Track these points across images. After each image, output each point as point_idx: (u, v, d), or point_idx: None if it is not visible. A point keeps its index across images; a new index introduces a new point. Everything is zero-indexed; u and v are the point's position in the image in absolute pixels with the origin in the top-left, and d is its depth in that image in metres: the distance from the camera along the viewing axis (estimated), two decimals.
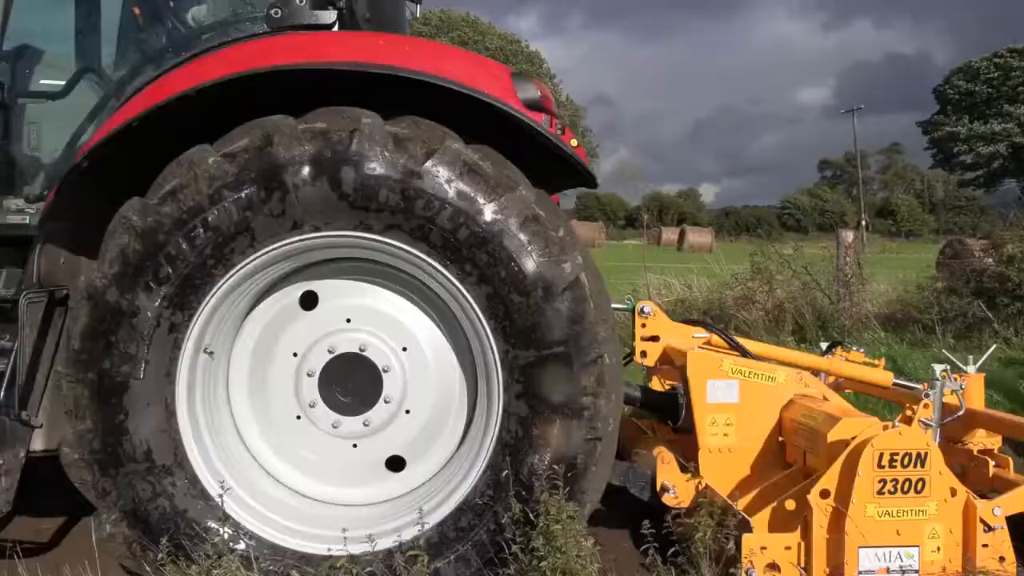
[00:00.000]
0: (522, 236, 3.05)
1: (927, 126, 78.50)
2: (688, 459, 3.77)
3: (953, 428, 4.26)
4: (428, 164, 3.00)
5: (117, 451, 3.10)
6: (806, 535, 3.21)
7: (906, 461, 3.19)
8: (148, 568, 3.10)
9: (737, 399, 3.70)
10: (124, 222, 3.04)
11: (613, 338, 3.29)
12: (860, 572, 3.15)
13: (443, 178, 3.01)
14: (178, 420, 3.16)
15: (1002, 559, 3.21)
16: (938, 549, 3.21)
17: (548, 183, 3.41)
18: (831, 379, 4.60)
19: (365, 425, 3.36)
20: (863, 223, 52.05)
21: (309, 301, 3.42)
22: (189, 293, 3.07)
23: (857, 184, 67.18)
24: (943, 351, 5.04)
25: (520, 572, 2.98)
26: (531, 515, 3.02)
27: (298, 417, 3.41)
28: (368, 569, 3.07)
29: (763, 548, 3.19)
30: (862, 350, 4.74)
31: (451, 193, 3.01)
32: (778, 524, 3.32)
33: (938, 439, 3.59)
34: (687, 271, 11.57)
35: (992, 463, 3.99)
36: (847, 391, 4.91)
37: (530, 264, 3.04)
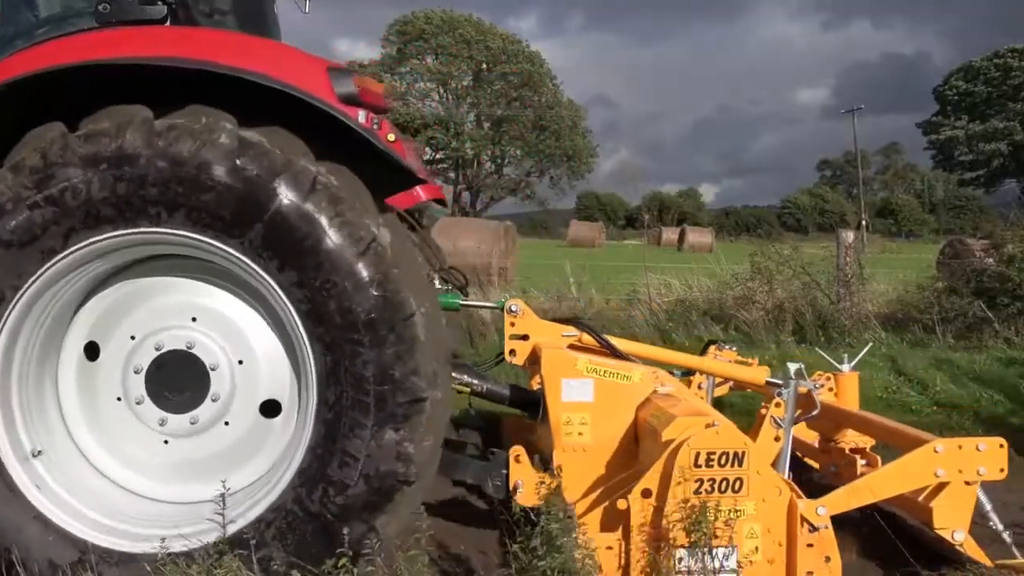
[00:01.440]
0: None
1: (927, 126, 78.50)
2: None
3: (826, 427, 4.30)
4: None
5: None
6: (626, 535, 3.18)
7: (723, 460, 3.15)
8: None
9: (592, 398, 3.67)
10: None
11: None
12: (677, 572, 3.10)
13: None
14: None
15: (828, 559, 3.17)
16: (756, 549, 3.17)
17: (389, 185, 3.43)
18: (720, 380, 4.60)
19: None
20: (863, 223, 52.05)
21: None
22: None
23: (857, 184, 67.12)
24: (818, 350, 5.04)
25: (519, 571, 2.98)
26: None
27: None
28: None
29: None
30: (734, 348, 4.72)
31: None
32: (609, 524, 3.30)
33: (791, 438, 3.55)
34: (687, 271, 11.56)
35: (862, 462, 3.97)
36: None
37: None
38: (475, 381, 4.21)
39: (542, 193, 79.40)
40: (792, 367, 3.82)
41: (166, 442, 3.43)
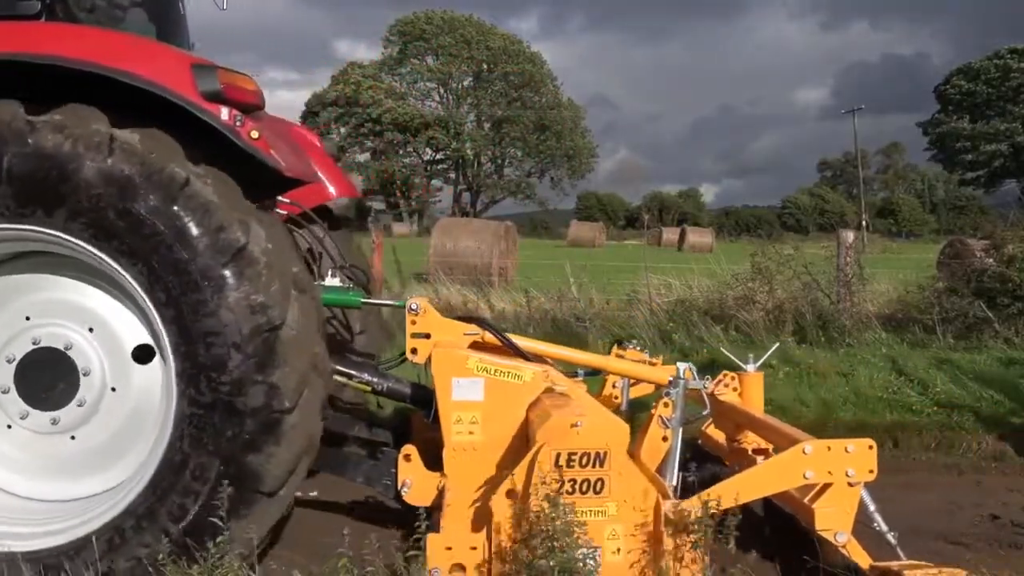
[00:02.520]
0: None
1: (927, 126, 78.49)
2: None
3: (728, 428, 4.29)
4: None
5: None
6: (490, 536, 3.15)
7: (584, 461, 3.12)
8: None
9: (482, 397, 3.65)
10: None
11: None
12: (538, 574, 3.03)
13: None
14: None
15: (695, 560, 3.15)
16: (618, 550, 3.13)
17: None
18: (634, 381, 4.55)
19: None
20: (864, 223, 52.03)
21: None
22: None
23: (857, 184, 67.12)
24: (722, 349, 5.02)
25: (520, 570, 2.99)
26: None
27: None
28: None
29: (448, 548, 3.13)
30: (639, 347, 4.67)
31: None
32: (477, 524, 3.27)
33: (679, 438, 3.51)
34: (687, 271, 11.56)
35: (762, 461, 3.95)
36: None
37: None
38: (375, 379, 4.19)
39: (542, 193, 79.45)
40: (681, 367, 3.78)
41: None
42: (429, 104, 78.76)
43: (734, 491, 3.25)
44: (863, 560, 3.25)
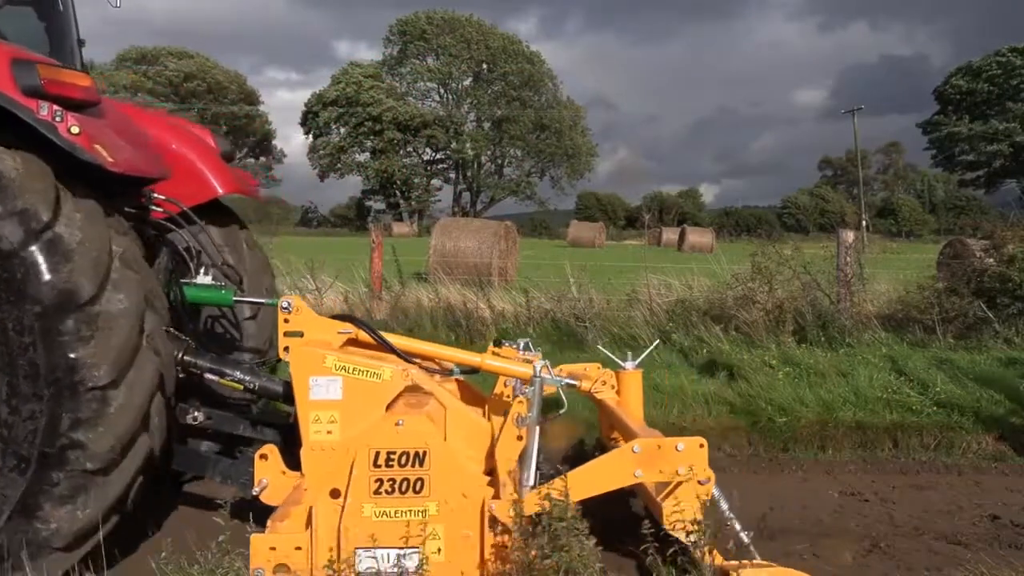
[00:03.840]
0: None
1: (927, 126, 78.51)
2: None
3: (605, 426, 4.33)
4: None
5: None
6: (314, 535, 3.12)
7: (403, 460, 3.12)
8: None
9: (341, 396, 3.61)
10: None
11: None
12: (358, 573, 3.06)
13: None
14: None
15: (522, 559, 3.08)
16: (439, 550, 3.12)
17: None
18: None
19: None
20: (864, 223, 52.04)
21: None
22: None
23: (857, 184, 67.12)
24: (599, 347, 5.00)
25: (521, 570, 2.99)
26: None
27: None
28: None
29: (272, 548, 3.09)
30: (515, 345, 4.64)
31: None
32: (305, 524, 3.24)
33: (536, 436, 3.49)
34: (687, 271, 11.55)
35: None
36: None
37: None
38: (247, 377, 4.19)
39: (542, 193, 79.50)
40: (537, 365, 3.75)
41: None
42: (429, 104, 78.83)
43: (563, 490, 3.22)
44: (716, 558, 3.22)
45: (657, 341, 5.50)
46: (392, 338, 4.13)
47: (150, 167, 4.10)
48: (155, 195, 4.36)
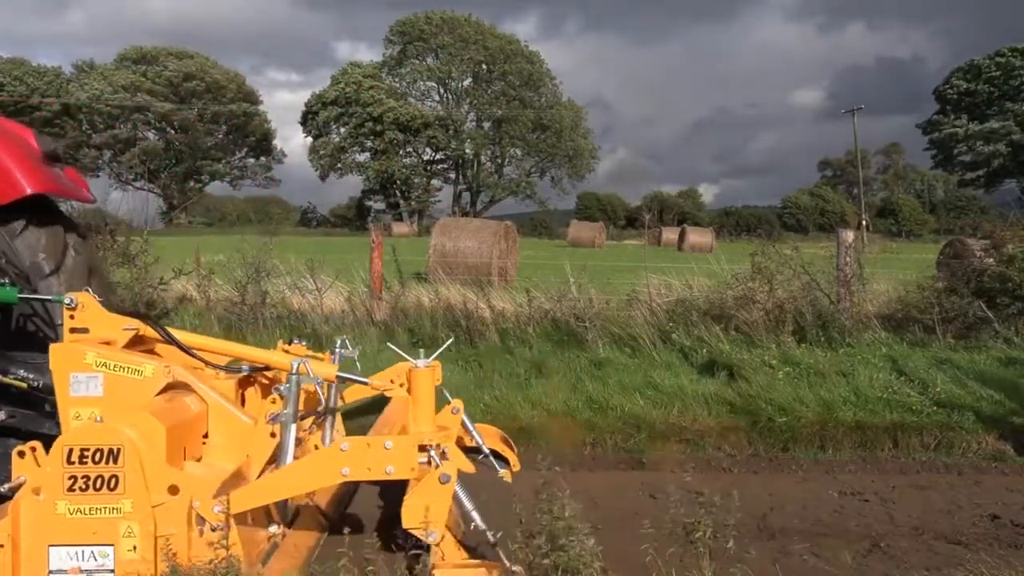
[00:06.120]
0: None
1: (926, 126, 78.55)
2: None
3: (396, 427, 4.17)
4: None
5: None
6: (16, 532, 3.07)
7: (98, 457, 3.06)
8: None
9: (101, 393, 3.56)
10: None
11: None
12: (51, 571, 3.03)
13: None
14: None
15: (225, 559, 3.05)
16: (134, 548, 3.08)
17: None
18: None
19: None
20: (863, 223, 52.04)
21: None
22: None
23: (857, 184, 67.12)
24: (389, 344, 4.98)
25: (522, 570, 2.99)
26: None
27: None
28: None
29: None
30: (305, 343, 4.58)
31: None
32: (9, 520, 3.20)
33: (292, 435, 3.42)
34: (687, 271, 11.55)
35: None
36: None
37: None
38: (31, 376, 4.14)
39: (542, 193, 79.51)
40: (295, 363, 3.68)
41: None
42: (429, 104, 78.84)
43: (270, 489, 3.20)
44: (460, 558, 3.17)
45: (452, 338, 5.42)
46: (182, 335, 4.04)
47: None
48: None
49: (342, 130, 77.09)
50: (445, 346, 4.60)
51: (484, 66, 76.16)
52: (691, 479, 3.85)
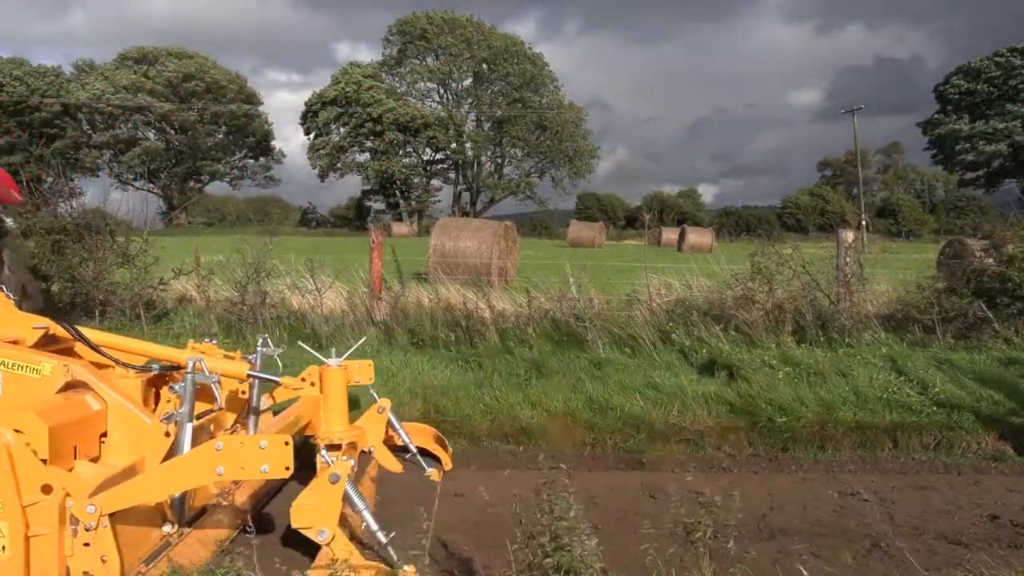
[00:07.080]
0: None
1: (927, 126, 78.52)
2: None
3: (312, 425, 4.20)
4: None
5: None
6: None
7: None
8: None
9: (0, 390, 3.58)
10: None
11: None
12: None
13: None
14: None
15: (104, 559, 3.08)
16: (3, 548, 3.07)
17: None
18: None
19: None
20: (863, 223, 52.01)
21: None
22: None
23: (857, 184, 67.08)
24: (300, 343, 4.97)
25: (523, 570, 2.99)
26: None
27: None
28: None
29: None
30: (214, 341, 4.60)
31: None
32: None
33: (188, 434, 3.41)
34: (687, 271, 11.55)
35: (331, 457, 3.79)
36: None
37: None
38: None
39: (542, 193, 79.47)
40: (190, 361, 3.72)
41: None
42: (429, 104, 78.82)
43: (144, 488, 3.19)
44: (353, 557, 3.16)
45: (364, 338, 5.43)
46: (95, 335, 4.05)
47: None
48: None
49: (342, 130, 77.04)
50: (357, 345, 4.60)
51: (485, 66, 76.13)
52: (691, 479, 3.85)
